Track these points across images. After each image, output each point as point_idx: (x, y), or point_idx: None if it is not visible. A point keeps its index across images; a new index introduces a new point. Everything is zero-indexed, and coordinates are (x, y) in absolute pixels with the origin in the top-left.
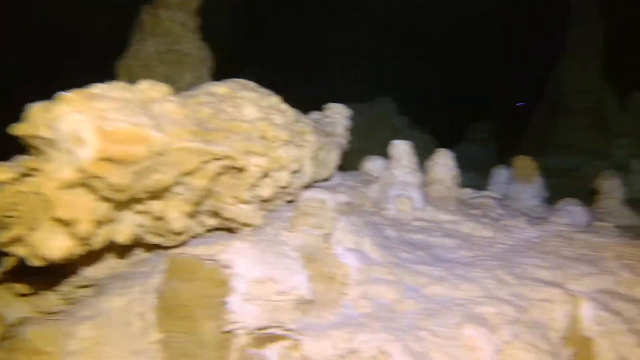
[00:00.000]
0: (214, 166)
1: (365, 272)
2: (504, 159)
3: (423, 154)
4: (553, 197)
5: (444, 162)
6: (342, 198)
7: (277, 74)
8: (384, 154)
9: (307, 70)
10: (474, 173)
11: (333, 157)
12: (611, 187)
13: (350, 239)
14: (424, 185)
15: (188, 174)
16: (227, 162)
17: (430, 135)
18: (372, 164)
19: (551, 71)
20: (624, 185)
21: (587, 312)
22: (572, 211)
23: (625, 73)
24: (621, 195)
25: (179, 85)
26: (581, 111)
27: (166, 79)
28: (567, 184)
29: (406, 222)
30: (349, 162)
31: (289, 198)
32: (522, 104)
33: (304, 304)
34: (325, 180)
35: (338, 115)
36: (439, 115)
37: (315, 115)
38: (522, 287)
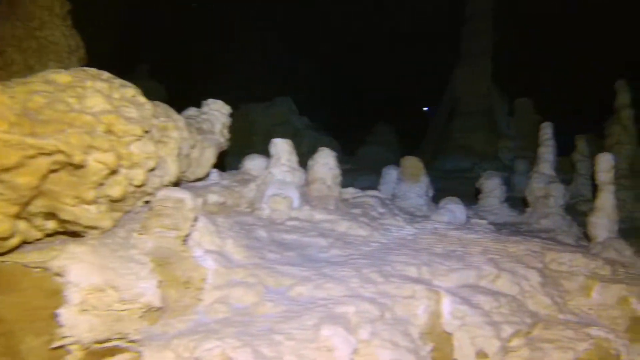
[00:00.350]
0: (44, 162)
1: (224, 275)
2: None
3: None
4: (446, 196)
5: (324, 162)
6: (214, 198)
7: (174, 71)
8: None
9: (208, 68)
10: (376, 175)
11: (209, 155)
12: (491, 187)
13: (211, 240)
14: (306, 184)
15: (7, 170)
16: (60, 158)
17: (333, 136)
18: (252, 163)
19: (448, 77)
20: (506, 184)
21: (446, 307)
22: (452, 209)
23: (512, 79)
24: (500, 194)
25: None
26: (473, 115)
27: (26, 68)
28: (461, 184)
29: (281, 221)
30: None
31: (147, 198)
32: (427, 108)
33: (152, 312)
34: (200, 179)
35: (217, 112)
36: (341, 116)
37: (191, 111)
38: (388, 284)
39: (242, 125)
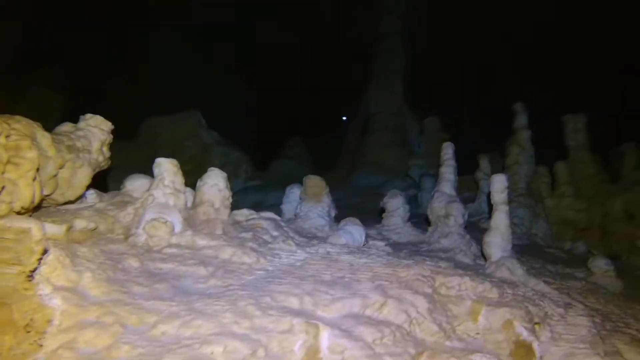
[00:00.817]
0: None
1: (75, 316)
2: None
3: (232, 171)
4: (358, 213)
5: (213, 183)
6: (82, 224)
7: (77, 80)
8: (190, 170)
9: (114, 77)
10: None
11: (82, 176)
12: (395, 206)
13: (63, 275)
14: (193, 207)
15: None
16: None
17: (245, 151)
18: (134, 184)
19: (362, 94)
20: (415, 201)
21: (325, 341)
22: (350, 231)
23: (422, 98)
24: (404, 213)
25: None
26: (385, 132)
27: None
28: (372, 201)
29: (158, 249)
30: None
31: None
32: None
33: None
34: (72, 202)
35: (95, 128)
36: (257, 130)
37: (65, 127)
38: (265, 318)
39: (146, 139)
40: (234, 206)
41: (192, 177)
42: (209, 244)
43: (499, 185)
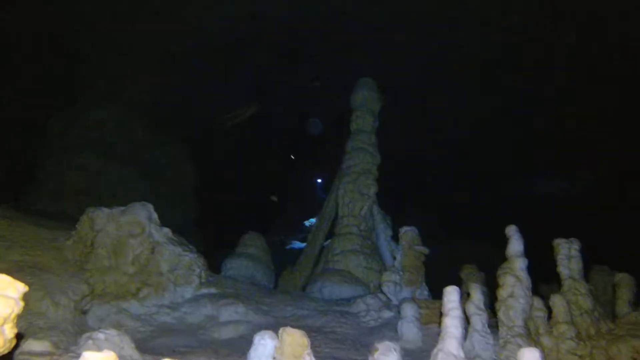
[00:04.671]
0: None
1: None
2: (276, 279)
3: (183, 276)
4: (326, 341)
5: None
6: None
7: None
8: (133, 274)
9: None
10: (243, 305)
11: None
12: None
13: None
14: None
15: None
16: None
17: (197, 252)
18: None
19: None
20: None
21: None
22: None
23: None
24: None
25: None
26: (354, 236)
27: None
28: (344, 323)
29: None
30: None
31: None
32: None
33: None
34: None
35: None
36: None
37: None
38: None
39: (85, 236)
40: (181, 321)
41: (135, 281)
42: None
43: None
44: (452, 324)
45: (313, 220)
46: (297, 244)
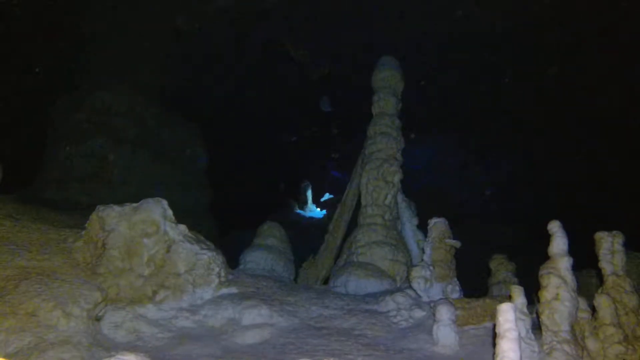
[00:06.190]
0: None
1: None
2: (296, 270)
3: (202, 276)
4: (357, 347)
5: None
6: None
7: None
8: (149, 275)
9: None
10: (268, 307)
11: None
12: None
13: None
14: None
15: None
16: None
17: (216, 250)
18: None
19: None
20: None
21: None
22: None
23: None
24: None
25: None
26: (379, 227)
27: None
28: (374, 325)
29: None
30: None
31: None
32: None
33: None
34: None
35: None
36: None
37: None
38: None
39: (96, 236)
40: (201, 325)
41: (151, 283)
42: None
43: None
44: (509, 347)
45: (328, 195)
46: (317, 212)
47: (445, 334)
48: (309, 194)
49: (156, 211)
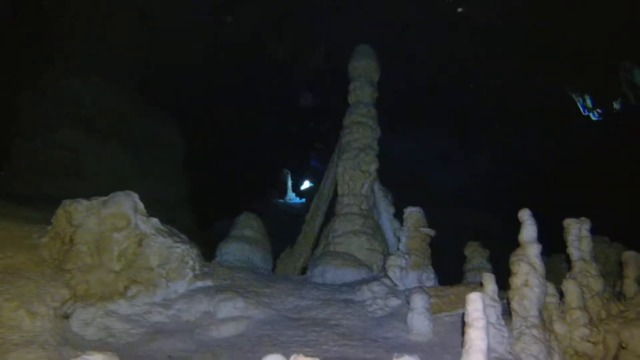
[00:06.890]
0: None
1: None
2: (274, 261)
3: (175, 270)
4: (333, 336)
5: None
6: None
7: None
8: (119, 271)
9: None
10: (243, 300)
11: None
12: None
13: None
14: None
15: None
16: None
17: (189, 242)
18: None
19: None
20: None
21: None
22: None
23: None
24: None
25: None
26: (356, 216)
27: None
28: (350, 314)
29: None
30: None
31: None
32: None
33: None
34: None
35: None
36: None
37: None
38: None
39: (63, 231)
40: (175, 320)
41: (122, 279)
42: None
43: None
44: (477, 335)
45: (309, 183)
46: (296, 200)
47: (419, 322)
48: (289, 182)
49: (126, 204)
